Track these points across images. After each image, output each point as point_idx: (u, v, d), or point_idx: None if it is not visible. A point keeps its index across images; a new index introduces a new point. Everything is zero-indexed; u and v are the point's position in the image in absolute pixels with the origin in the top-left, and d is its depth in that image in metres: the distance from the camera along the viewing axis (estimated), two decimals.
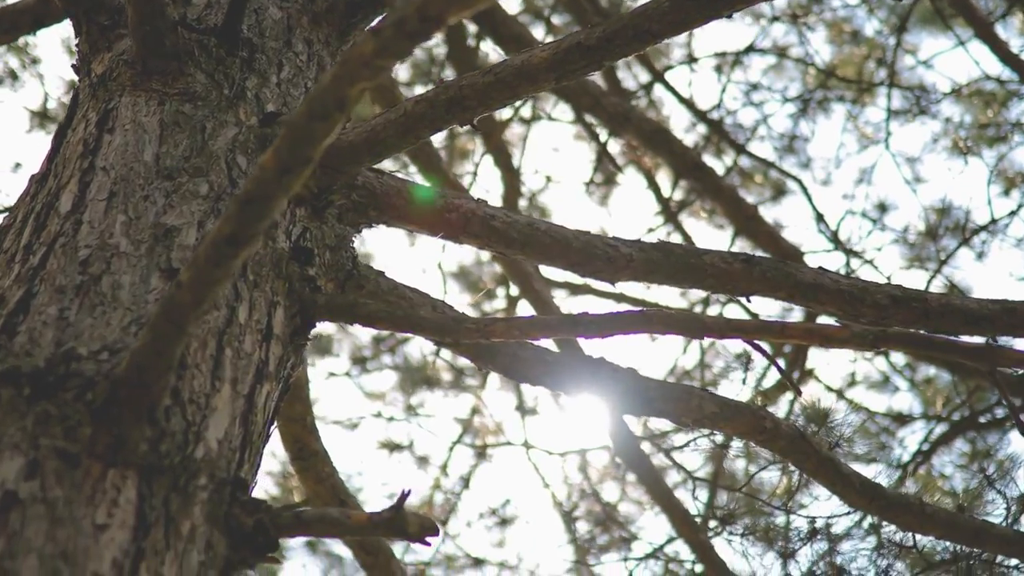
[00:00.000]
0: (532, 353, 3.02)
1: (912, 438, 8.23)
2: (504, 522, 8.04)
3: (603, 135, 7.33)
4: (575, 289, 8.05)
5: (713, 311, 7.74)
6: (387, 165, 3.30)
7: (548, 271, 7.82)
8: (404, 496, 2.10)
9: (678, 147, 6.47)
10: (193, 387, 2.15)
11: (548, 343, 4.00)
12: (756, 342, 2.38)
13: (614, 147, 7.73)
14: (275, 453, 7.14)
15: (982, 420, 7.52)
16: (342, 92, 1.68)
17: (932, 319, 3.15)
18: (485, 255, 8.60)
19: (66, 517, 1.82)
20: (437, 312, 3.00)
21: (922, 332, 2.49)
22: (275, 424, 2.52)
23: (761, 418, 3.22)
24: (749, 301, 3.21)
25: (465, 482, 8.09)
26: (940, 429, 7.96)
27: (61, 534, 1.79)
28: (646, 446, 5.96)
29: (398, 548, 8.12)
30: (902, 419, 8.59)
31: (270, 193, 1.77)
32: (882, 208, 8.80)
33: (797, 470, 3.61)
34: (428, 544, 2.13)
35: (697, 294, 8.13)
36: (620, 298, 7.74)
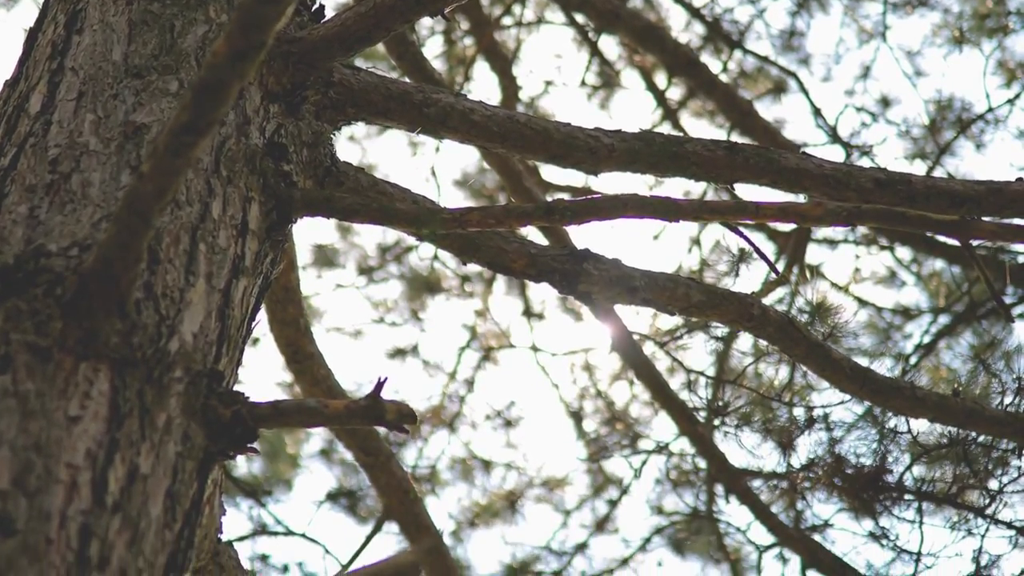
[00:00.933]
0: (516, 246, 3.01)
1: (920, 333, 8.24)
2: (509, 423, 8.10)
3: (595, 36, 7.26)
4: (577, 192, 8.03)
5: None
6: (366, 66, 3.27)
7: (549, 174, 7.81)
8: (381, 384, 2.11)
9: (671, 44, 6.40)
10: (167, 281, 2.15)
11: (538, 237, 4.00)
12: (733, 224, 2.37)
13: (610, 49, 7.67)
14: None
15: (984, 310, 7.52)
16: None
17: (918, 202, 3.14)
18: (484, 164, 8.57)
19: (38, 410, 1.83)
20: (419, 206, 2.98)
21: (896, 209, 2.47)
22: (256, 320, 2.52)
23: (749, 305, 3.21)
24: (732, 189, 3.20)
25: (470, 385, 8.13)
26: (944, 321, 7.97)
27: (33, 426, 1.81)
28: (645, 342, 5.97)
29: (409, 455, 8.22)
30: (909, 314, 8.60)
31: (224, 79, 1.75)
32: (884, 103, 8.74)
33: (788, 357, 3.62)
34: (406, 431, 2.14)
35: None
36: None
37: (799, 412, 4.46)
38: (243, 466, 7.28)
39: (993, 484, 4.18)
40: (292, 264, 4.62)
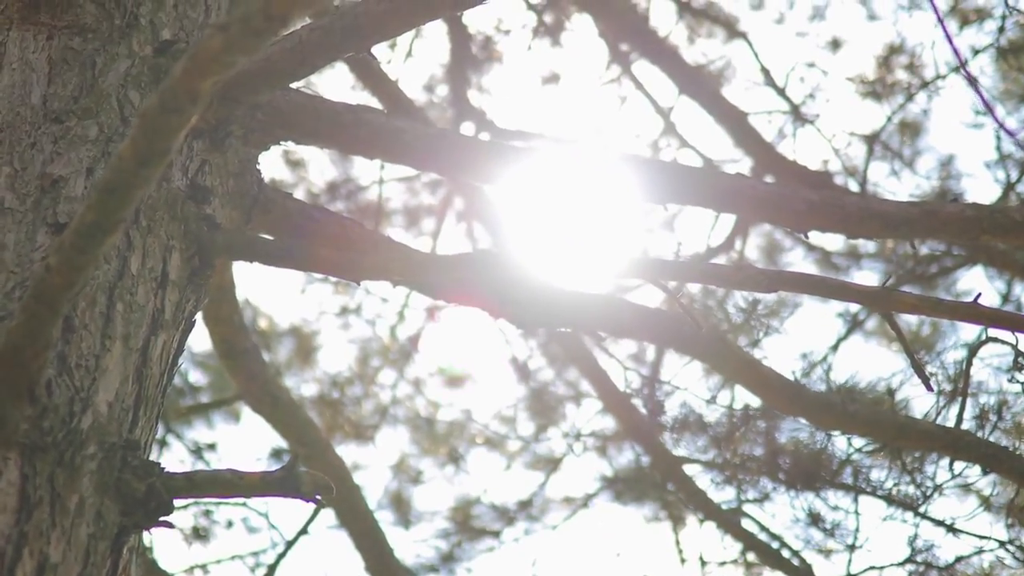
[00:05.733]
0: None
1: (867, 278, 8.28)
2: (456, 380, 8.13)
3: None
4: None
5: None
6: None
7: None
8: (295, 457, 2.12)
9: (617, 5, 6.32)
10: (81, 350, 2.14)
11: None
12: (658, 283, 2.37)
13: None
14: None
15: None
16: (194, 86, 1.63)
17: (851, 224, 3.15)
18: None
19: None
20: (347, 233, 2.97)
21: (817, 275, 2.48)
22: (179, 365, 2.51)
23: (679, 324, 3.23)
24: (666, 209, 3.20)
25: (412, 342, 8.14)
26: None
27: None
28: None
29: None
30: (857, 255, 8.65)
31: (130, 183, 1.73)
32: (835, 45, 8.71)
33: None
34: (322, 504, 2.15)
35: None
36: None
37: (737, 406, 4.51)
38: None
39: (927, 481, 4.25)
40: (226, 263, 4.58)
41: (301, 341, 8.67)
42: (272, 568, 6.06)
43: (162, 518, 2.12)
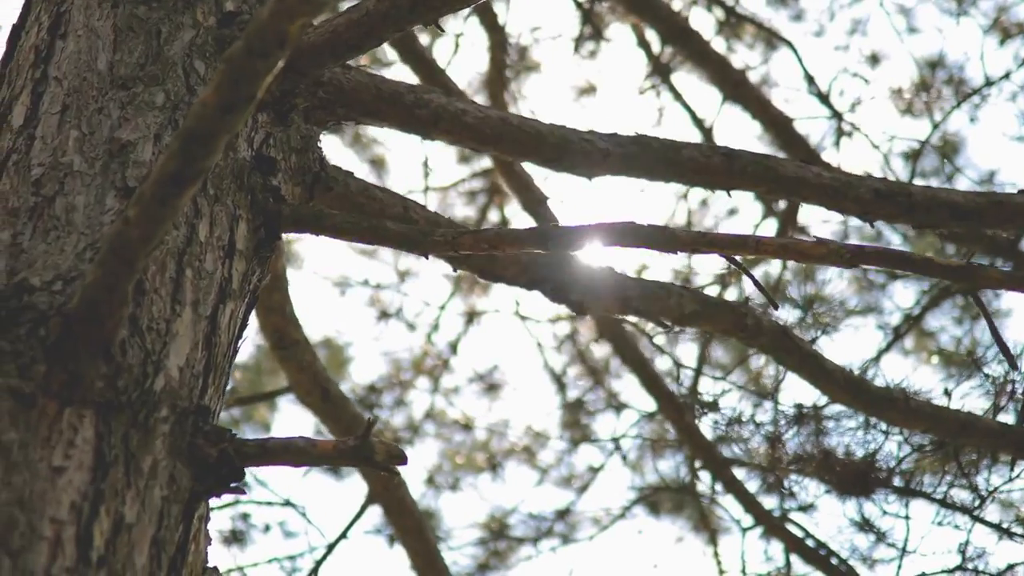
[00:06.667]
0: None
1: (903, 294, 8.21)
2: (492, 388, 8.07)
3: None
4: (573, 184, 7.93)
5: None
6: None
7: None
8: (371, 424, 2.07)
9: (664, 11, 6.30)
10: (152, 313, 2.10)
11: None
12: (731, 257, 2.32)
13: (601, 8, 7.55)
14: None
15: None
16: (282, 28, 1.59)
17: (917, 213, 3.10)
18: None
19: (21, 461, 1.78)
20: (409, 214, 2.93)
21: (902, 250, 2.42)
22: (243, 339, 2.47)
23: (742, 315, 3.18)
24: (729, 195, 3.15)
25: (453, 347, 8.09)
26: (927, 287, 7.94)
27: (17, 479, 1.76)
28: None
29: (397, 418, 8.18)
30: (894, 275, 8.57)
31: (213, 130, 1.69)
32: (874, 59, 8.66)
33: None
34: (396, 473, 2.10)
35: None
36: None
37: (788, 407, 4.44)
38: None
39: (981, 483, 4.17)
40: (280, 250, 4.56)
41: (332, 352, 8.64)
42: (313, 571, 5.99)
43: (233, 484, 2.07)
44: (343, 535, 5.84)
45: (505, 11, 8.16)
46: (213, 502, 2.18)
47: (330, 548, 5.88)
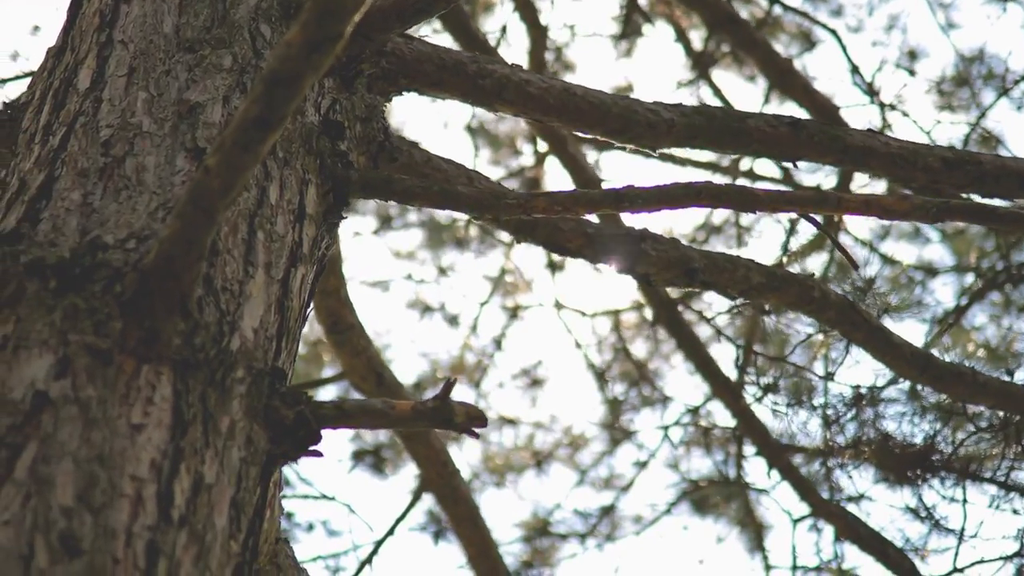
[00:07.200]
0: (573, 225, 2.91)
1: (943, 290, 8.11)
2: (536, 383, 8.01)
3: None
4: (602, 145, 7.87)
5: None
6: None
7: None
8: (450, 385, 2.02)
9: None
10: (226, 274, 2.05)
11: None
12: (811, 215, 2.26)
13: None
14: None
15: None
16: None
17: (986, 183, 3.03)
18: None
19: (100, 418, 1.74)
20: (474, 185, 2.88)
21: (987, 203, 2.36)
22: (311, 308, 2.42)
23: (809, 288, 3.12)
24: (795, 166, 3.09)
25: (497, 343, 8.03)
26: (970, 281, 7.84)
27: (96, 436, 1.72)
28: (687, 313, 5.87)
29: None
30: (933, 271, 8.47)
31: (299, 72, 1.64)
32: (912, 55, 8.57)
33: (845, 339, 3.52)
34: (476, 435, 2.05)
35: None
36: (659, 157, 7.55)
37: (846, 389, 4.37)
38: None
39: None
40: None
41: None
42: (360, 569, 5.92)
43: (311, 448, 2.02)
44: (392, 529, 5.77)
45: (550, 8, 8.14)
46: None
47: (378, 544, 5.81)
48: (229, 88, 2.35)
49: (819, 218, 2.33)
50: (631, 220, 3.78)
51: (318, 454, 2.04)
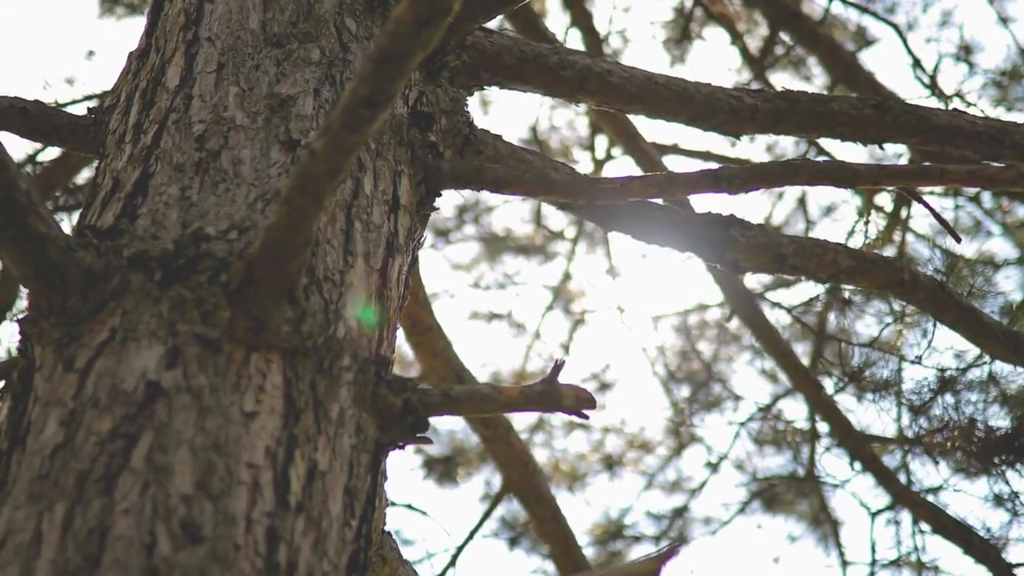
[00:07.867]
0: (661, 213, 2.87)
1: (1006, 283, 8.01)
2: (605, 386, 7.97)
3: None
4: (663, 150, 7.83)
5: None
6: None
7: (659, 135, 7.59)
8: (558, 368, 1.99)
9: None
10: (327, 263, 2.04)
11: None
12: (913, 189, 2.22)
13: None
14: None
15: None
16: None
17: None
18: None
19: (213, 406, 1.73)
20: (563, 174, 2.85)
21: None
22: (407, 298, 2.40)
23: (899, 270, 3.06)
24: (882, 148, 3.04)
25: (565, 348, 8.00)
26: None
27: (211, 424, 1.70)
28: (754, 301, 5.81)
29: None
30: (995, 264, 8.36)
31: (407, 48, 1.61)
32: (966, 50, 8.48)
33: (935, 322, 3.46)
34: (585, 417, 2.02)
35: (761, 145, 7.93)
36: (706, 156, 7.50)
37: (930, 375, 4.31)
38: None
39: None
40: None
41: None
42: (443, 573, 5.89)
43: (419, 435, 2.00)
44: (472, 534, 5.74)
45: (610, 15, 8.10)
46: None
47: (459, 550, 5.77)
48: (319, 81, 2.34)
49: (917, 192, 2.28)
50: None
51: (427, 440, 2.02)
